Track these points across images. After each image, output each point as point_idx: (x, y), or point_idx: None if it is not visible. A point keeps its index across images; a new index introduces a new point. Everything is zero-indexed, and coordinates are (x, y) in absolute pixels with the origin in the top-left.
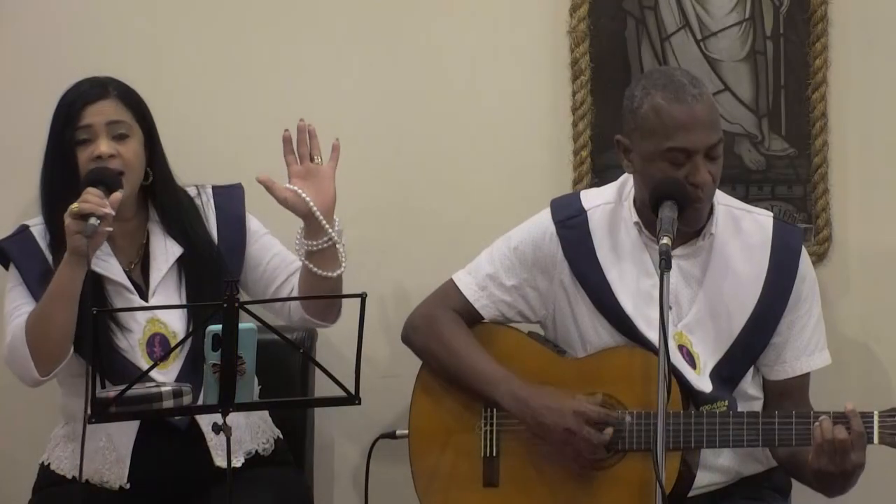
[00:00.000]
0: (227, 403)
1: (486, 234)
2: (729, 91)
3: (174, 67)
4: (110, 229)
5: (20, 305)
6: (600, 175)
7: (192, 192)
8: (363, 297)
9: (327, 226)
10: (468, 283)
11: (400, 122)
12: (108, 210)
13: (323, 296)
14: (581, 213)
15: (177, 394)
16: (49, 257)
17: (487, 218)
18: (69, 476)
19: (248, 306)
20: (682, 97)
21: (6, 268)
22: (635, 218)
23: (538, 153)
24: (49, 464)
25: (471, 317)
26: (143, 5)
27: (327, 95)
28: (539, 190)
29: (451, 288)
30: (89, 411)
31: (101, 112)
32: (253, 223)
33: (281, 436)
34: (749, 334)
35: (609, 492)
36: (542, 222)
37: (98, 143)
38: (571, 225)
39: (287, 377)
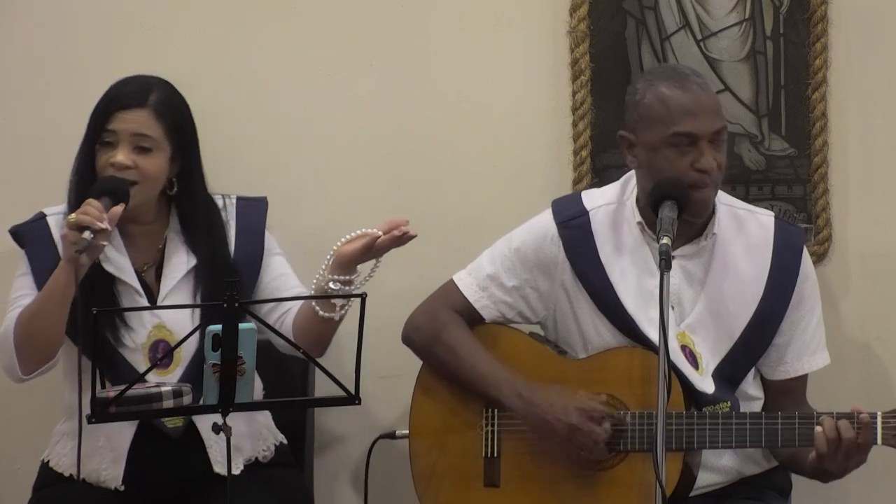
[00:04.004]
0: (227, 403)
1: (487, 233)
2: (729, 91)
3: (170, 67)
4: (105, 244)
5: (22, 296)
6: (600, 175)
7: (219, 202)
8: (363, 297)
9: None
10: (469, 283)
11: (400, 122)
12: (105, 225)
13: (326, 295)
14: (583, 214)
15: (177, 394)
16: (60, 251)
17: (488, 218)
18: (67, 474)
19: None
20: (686, 84)
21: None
22: (638, 218)
23: (538, 153)
24: (49, 461)
25: (471, 317)
26: (145, 6)
27: (327, 96)
28: (539, 190)
29: (451, 288)
30: (89, 411)
31: (131, 121)
32: (268, 241)
33: (284, 440)
34: (752, 334)
35: (611, 492)
36: (543, 223)
37: (117, 151)
38: (574, 225)
39: (287, 377)
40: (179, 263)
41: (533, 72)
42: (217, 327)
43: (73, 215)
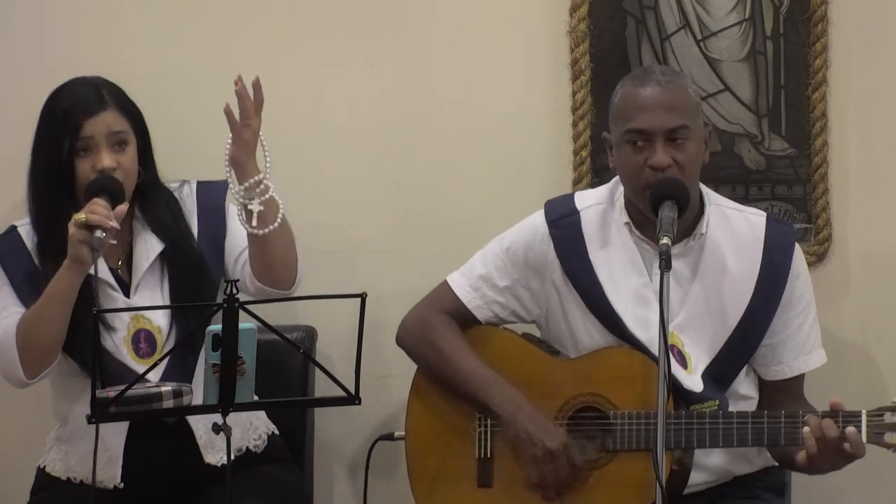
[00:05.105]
0: (227, 403)
1: (486, 233)
2: (729, 91)
3: (170, 67)
4: (114, 242)
5: (6, 306)
6: (600, 175)
7: (173, 186)
8: (363, 297)
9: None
10: (461, 284)
11: (400, 122)
12: (114, 224)
13: (322, 296)
14: (574, 214)
15: (177, 394)
16: (36, 259)
17: (487, 218)
18: (64, 478)
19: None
20: (647, 82)
21: None
22: (625, 218)
23: (538, 153)
24: (45, 466)
25: (464, 318)
26: (140, 5)
27: (327, 96)
28: (539, 190)
29: (444, 289)
30: (89, 411)
31: (103, 123)
32: (231, 207)
33: (276, 431)
34: (741, 334)
35: (600, 492)
36: (534, 223)
37: (100, 155)
38: (564, 225)
39: (287, 377)
40: (147, 251)
41: (533, 72)
42: (217, 327)
43: (83, 215)
